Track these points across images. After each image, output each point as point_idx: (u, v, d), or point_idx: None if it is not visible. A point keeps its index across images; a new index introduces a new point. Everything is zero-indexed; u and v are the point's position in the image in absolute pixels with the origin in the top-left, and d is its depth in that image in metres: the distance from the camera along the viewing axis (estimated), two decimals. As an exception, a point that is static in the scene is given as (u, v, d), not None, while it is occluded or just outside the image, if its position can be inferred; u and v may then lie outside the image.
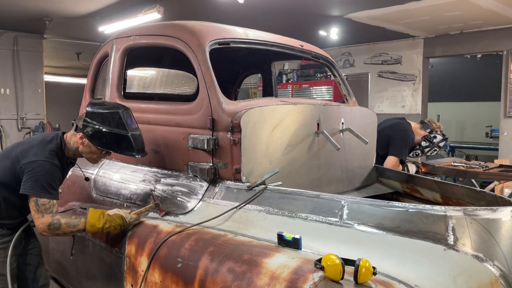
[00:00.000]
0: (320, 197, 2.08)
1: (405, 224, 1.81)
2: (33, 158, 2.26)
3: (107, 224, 2.25)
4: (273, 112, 2.41)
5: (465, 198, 2.58)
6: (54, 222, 2.22)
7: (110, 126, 2.31)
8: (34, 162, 2.25)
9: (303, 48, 3.16)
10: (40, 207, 2.23)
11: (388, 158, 3.75)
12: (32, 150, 2.30)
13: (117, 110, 2.36)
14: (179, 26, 2.66)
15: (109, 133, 2.31)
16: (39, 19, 7.19)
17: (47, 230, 2.22)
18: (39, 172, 2.24)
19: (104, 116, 2.33)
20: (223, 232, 2.04)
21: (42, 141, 2.36)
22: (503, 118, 7.58)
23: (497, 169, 4.14)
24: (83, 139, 2.35)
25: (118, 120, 2.33)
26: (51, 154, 2.30)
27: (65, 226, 2.24)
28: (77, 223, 2.25)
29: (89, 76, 3.32)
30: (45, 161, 2.27)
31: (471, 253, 1.69)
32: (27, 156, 2.27)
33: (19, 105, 8.38)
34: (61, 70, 13.32)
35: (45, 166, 2.26)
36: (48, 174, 2.26)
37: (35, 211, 2.23)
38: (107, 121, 2.32)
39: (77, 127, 2.37)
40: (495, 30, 7.42)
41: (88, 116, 2.33)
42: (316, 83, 9.25)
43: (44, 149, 2.31)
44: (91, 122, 2.32)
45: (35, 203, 2.23)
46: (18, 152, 2.32)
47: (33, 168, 2.24)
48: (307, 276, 1.55)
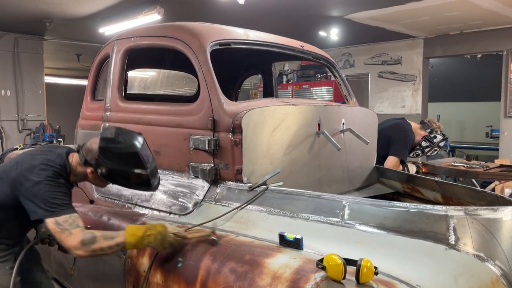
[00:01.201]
0: (321, 198, 2.08)
1: (406, 224, 1.81)
2: (36, 179, 2.02)
3: (148, 231, 1.97)
4: (274, 112, 2.42)
5: (466, 198, 2.59)
6: (87, 236, 1.93)
7: (126, 166, 2.07)
8: (38, 183, 2.01)
9: (304, 49, 3.17)
10: (63, 225, 1.95)
11: (388, 158, 3.76)
12: (34, 170, 2.05)
13: (134, 149, 2.06)
14: (180, 27, 2.66)
15: (125, 173, 2.08)
16: (39, 21, 7.20)
17: (81, 246, 1.91)
18: (46, 192, 2.00)
19: (120, 156, 2.06)
20: (224, 232, 2.05)
21: (44, 161, 2.10)
22: (503, 118, 7.59)
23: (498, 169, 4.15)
24: (93, 173, 2.14)
25: (136, 159, 2.06)
26: (55, 175, 2.07)
27: (101, 238, 1.94)
28: (115, 235, 1.98)
29: (90, 78, 3.33)
30: (49, 179, 2.04)
31: (472, 252, 1.70)
32: (29, 179, 2.03)
33: (19, 106, 8.39)
34: (62, 71, 13.34)
35: (51, 184, 2.03)
36: (57, 191, 2.03)
37: (59, 232, 1.94)
38: (123, 161, 2.06)
39: (86, 161, 2.12)
40: (495, 30, 7.42)
41: (101, 153, 2.06)
42: (316, 83, 9.26)
43: (48, 169, 2.07)
44: (105, 161, 2.07)
45: (56, 224, 1.96)
46: (19, 174, 2.07)
47: (38, 190, 2.00)
48: (309, 276, 1.55)
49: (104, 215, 2.60)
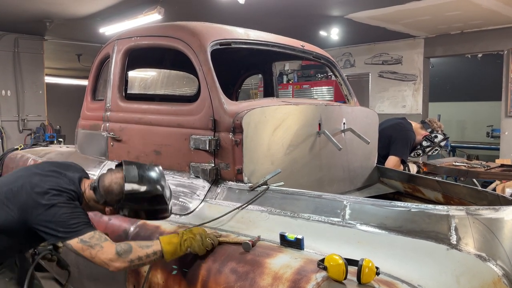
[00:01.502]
0: (322, 197, 2.08)
1: (407, 224, 1.81)
2: (49, 203, 1.90)
3: (184, 236, 1.89)
4: (274, 112, 2.41)
5: (467, 197, 2.58)
6: (121, 247, 1.84)
7: (151, 206, 2.02)
8: (52, 207, 1.90)
9: (304, 49, 3.16)
10: (90, 242, 1.85)
11: (389, 158, 3.76)
12: (46, 196, 1.92)
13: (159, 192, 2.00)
14: (180, 27, 2.66)
15: (148, 211, 2.04)
16: (39, 21, 7.20)
17: (118, 258, 1.82)
18: (63, 214, 1.89)
19: (145, 199, 2.00)
20: (225, 232, 2.04)
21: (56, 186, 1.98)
22: (504, 117, 7.58)
23: (499, 168, 4.14)
24: (111, 211, 2.06)
25: (160, 199, 2.01)
26: (69, 199, 1.97)
27: (136, 247, 1.86)
28: (150, 243, 1.90)
29: (91, 78, 3.33)
30: (64, 203, 1.93)
31: (474, 252, 1.69)
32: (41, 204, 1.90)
33: (20, 106, 8.39)
34: (62, 71, 13.34)
35: (67, 206, 1.93)
36: (74, 211, 1.93)
37: (89, 248, 1.84)
38: (147, 203, 2.01)
39: (106, 202, 2.03)
40: (496, 29, 7.42)
41: (126, 199, 1.98)
42: (316, 83, 9.25)
43: (61, 194, 1.95)
44: (129, 204, 2.00)
45: (82, 243, 1.85)
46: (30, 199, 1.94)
47: (54, 214, 1.89)
48: (310, 276, 1.55)
49: (105, 215, 2.59)
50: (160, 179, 2.04)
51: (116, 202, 2.00)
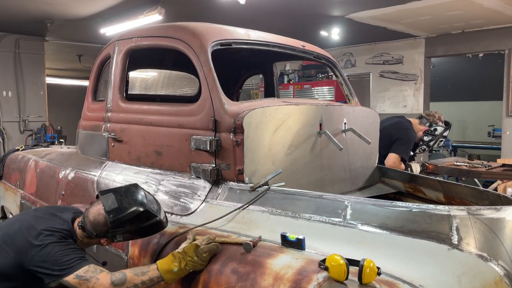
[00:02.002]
0: (323, 198, 2.08)
1: (408, 224, 1.80)
2: (42, 243, 1.95)
3: (182, 262, 1.87)
4: (275, 112, 2.41)
5: (468, 197, 2.58)
6: (116, 276, 1.86)
7: (140, 224, 2.02)
8: (45, 247, 1.95)
9: (305, 49, 3.16)
10: (85, 275, 1.88)
11: (388, 156, 3.75)
12: (38, 237, 1.98)
13: (143, 208, 2.01)
14: (181, 28, 2.66)
15: (141, 230, 2.04)
16: (40, 22, 7.21)
17: (114, 287, 1.85)
18: (56, 253, 1.93)
19: (132, 220, 2.01)
20: (226, 233, 2.04)
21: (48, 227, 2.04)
22: (506, 117, 7.57)
23: (500, 168, 4.13)
24: (107, 241, 2.08)
25: (147, 215, 2.02)
26: (61, 238, 2.02)
27: (132, 275, 1.87)
28: (146, 270, 1.90)
29: (91, 78, 3.33)
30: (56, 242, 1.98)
31: (475, 252, 1.69)
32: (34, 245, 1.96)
33: (21, 107, 8.40)
34: (63, 72, 13.37)
35: (59, 244, 1.97)
36: (67, 248, 1.97)
37: (85, 282, 1.87)
38: (136, 223, 2.01)
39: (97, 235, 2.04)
40: (497, 29, 7.41)
41: (113, 227, 2.00)
42: (317, 83, 9.26)
43: (53, 234, 2.01)
44: (119, 230, 2.01)
45: (78, 278, 1.88)
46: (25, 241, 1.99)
47: (47, 253, 1.93)
48: (311, 276, 1.55)
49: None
50: (139, 197, 2.05)
51: (106, 233, 2.02)
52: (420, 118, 4.11)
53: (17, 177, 3.97)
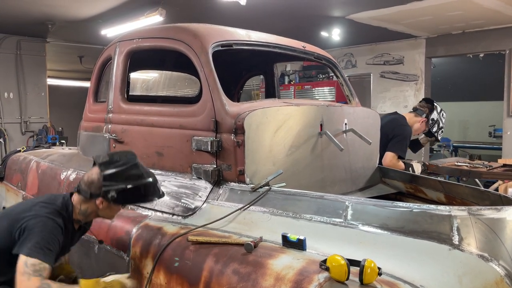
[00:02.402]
0: (324, 198, 2.08)
1: (409, 224, 1.81)
2: (33, 215, 2.02)
3: None
4: (276, 113, 2.42)
5: (469, 197, 2.58)
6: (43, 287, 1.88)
7: (133, 180, 2.08)
8: (34, 218, 2.00)
9: (305, 49, 3.17)
10: (28, 268, 1.89)
11: (386, 154, 3.73)
12: (34, 207, 2.07)
13: (134, 161, 2.12)
14: (182, 29, 2.66)
15: (134, 188, 2.08)
16: (42, 23, 7.23)
17: None
18: (37, 229, 1.97)
19: (123, 172, 2.08)
20: (227, 233, 2.05)
21: (46, 199, 2.14)
22: (506, 117, 7.57)
23: (501, 168, 4.12)
24: (103, 203, 2.11)
25: (139, 170, 2.10)
26: (55, 213, 2.06)
27: None
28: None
29: (93, 80, 3.34)
30: (46, 217, 2.02)
31: (476, 252, 1.69)
32: (28, 214, 2.03)
33: (22, 108, 8.42)
34: (64, 73, 13.38)
35: (46, 222, 2.01)
36: (47, 231, 1.99)
37: (21, 273, 1.88)
38: (128, 177, 2.08)
39: (92, 194, 2.09)
40: (498, 29, 7.41)
41: (106, 179, 2.06)
42: (318, 84, 9.26)
43: (47, 206, 2.08)
44: (112, 184, 2.06)
45: (24, 263, 1.89)
46: (19, 210, 2.09)
47: (32, 224, 1.98)
48: (312, 277, 1.55)
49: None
50: (130, 155, 2.15)
51: (100, 189, 2.06)
52: (415, 111, 4.11)
53: (18, 178, 3.98)
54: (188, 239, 2.00)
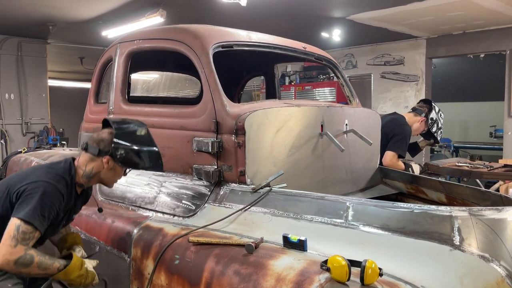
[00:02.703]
0: (325, 199, 2.08)
1: (410, 225, 1.81)
2: (34, 179, 1.98)
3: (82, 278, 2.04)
4: (277, 114, 2.42)
5: (470, 198, 2.58)
6: (26, 258, 1.84)
7: (141, 144, 2.13)
8: (34, 182, 1.96)
9: (306, 50, 3.17)
10: (18, 234, 1.85)
11: (385, 154, 3.73)
12: (35, 172, 2.04)
13: (144, 126, 2.20)
14: (183, 30, 2.67)
15: (141, 152, 2.12)
16: (42, 25, 7.23)
17: (12, 265, 1.83)
18: (36, 194, 1.92)
19: (133, 134, 2.13)
20: (228, 234, 2.05)
21: (49, 165, 2.12)
22: (507, 117, 7.57)
23: (502, 169, 4.12)
24: (109, 162, 2.10)
25: (148, 136, 2.17)
26: (57, 178, 2.02)
27: (36, 266, 1.88)
28: (49, 265, 1.93)
29: (93, 81, 3.34)
30: (47, 183, 1.97)
31: (477, 253, 1.69)
32: (27, 179, 1.99)
33: (23, 110, 8.42)
34: (65, 74, 13.39)
35: (46, 188, 1.96)
36: (46, 198, 1.94)
37: (10, 236, 1.84)
38: (137, 140, 2.12)
39: (100, 151, 2.09)
40: (498, 29, 7.41)
41: (118, 137, 2.08)
42: (319, 84, 9.26)
43: (49, 171, 2.04)
44: (121, 143, 2.07)
45: (16, 227, 1.85)
46: (19, 176, 2.06)
47: (32, 188, 1.94)
48: (313, 277, 1.55)
49: (108, 217, 2.60)
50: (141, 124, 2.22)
51: (110, 146, 2.07)
52: (414, 110, 4.11)
53: (19, 179, 3.98)
54: (189, 240, 2.00)
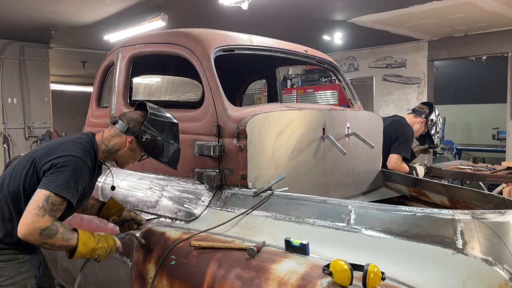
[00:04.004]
0: (327, 202, 2.08)
1: (413, 229, 1.80)
2: (63, 154, 1.94)
3: (100, 243, 1.99)
4: (278, 117, 2.42)
5: (473, 201, 2.57)
6: (52, 228, 1.83)
7: (167, 136, 2.19)
8: (63, 156, 1.93)
9: (307, 53, 3.17)
10: (47, 204, 1.83)
11: (390, 157, 3.73)
12: (61, 146, 2.00)
13: (176, 121, 2.26)
14: (184, 34, 2.67)
15: (164, 143, 2.18)
16: (45, 29, 7.26)
17: (38, 234, 1.80)
18: (67, 167, 1.90)
19: (164, 125, 2.19)
20: (230, 238, 2.04)
21: (73, 139, 2.08)
22: (510, 119, 7.54)
23: (505, 171, 4.10)
24: (132, 143, 2.14)
25: (175, 132, 2.24)
26: (84, 152, 2.00)
27: (60, 237, 1.86)
28: (70, 237, 1.91)
29: (95, 85, 3.35)
30: (76, 157, 1.95)
31: (480, 257, 1.68)
32: (54, 153, 1.95)
33: (26, 114, 8.44)
34: (67, 78, 13.43)
35: (76, 162, 1.94)
36: (77, 171, 1.93)
37: (38, 206, 1.81)
38: (165, 131, 2.19)
39: (128, 129, 2.14)
40: (500, 32, 7.40)
41: (149, 122, 2.14)
42: (320, 87, 9.26)
43: (76, 145, 2.01)
44: (151, 129, 2.14)
45: (45, 198, 1.83)
46: (44, 151, 2.00)
47: (62, 162, 1.91)
48: (316, 282, 1.55)
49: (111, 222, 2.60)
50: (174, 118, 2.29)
51: (139, 127, 2.13)
52: (414, 112, 4.11)
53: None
54: (191, 244, 2.00)
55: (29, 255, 2.11)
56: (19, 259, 2.05)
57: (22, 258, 2.07)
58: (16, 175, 2.01)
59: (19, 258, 2.05)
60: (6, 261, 2.01)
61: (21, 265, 2.05)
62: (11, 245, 2.03)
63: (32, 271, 2.11)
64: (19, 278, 2.03)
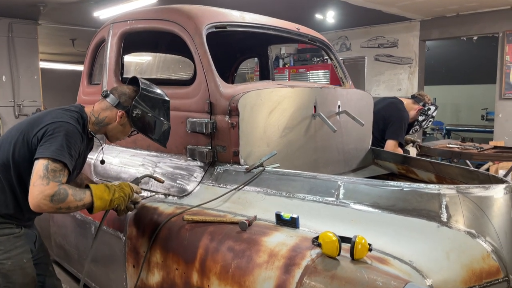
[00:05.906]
0: (317, 178, 2.12)
1: (400, 203, 1.85)
2: (52, 120, 1.94)
3: (116, 194, 2.02)
4: (270, 95, 2.44)
5: (459, 177, 2.63)
6: (60, 192, 1.82)
7: (158, 113, 2.18)
8: (53, 123, 1.92)
9: (300, 31, 3.17)
10: (48, 172, 1.81)
11: (387, 143, 3.79)
12: (50, 114, 2.00)
13: (167, 99, 2.24)
14: (176, 10, 2.66)
15: (154, 119, 2.17)
16: (33, 5, 7.12)
17: (49, 202, 1.79)
18: (59, 133, 1.89)
19: (156, 102, 2.18)
20: (222, 213, 2.08)
21: (61, 108, 2.09)
22: (498, 100, 7.62)
23: (492, 150, 4.18)
24: (122, 117, 2.14)
25: (166, 108, 2.22)
26: (73, 119, 2.00)
27: (72, 199, 1.85)
28: (83, 195, 1.92)
29: (86, 62, 3.33)
30: (67, 123, 1.95)
31: (464, 229, 1.74)
32: (44, 121, 1.95)
33: (15, 92, 8.35)
34: (57, 56, 13.24)
35: (68, 127, 1.93)
36: (70, 136, 1.92)
37: (40, 176, 1.80)
38: (156, 107, 2.17)
39: (119, 103, 2.12)
40: (491, 12, 7.41)
41: (141, 97, 2.12)
42: (312, 67, 9.24)
43: (64, 113, 2.01)
44: (142, 105, 2.12)
45: (44, 167, 1.82)
46: (32, 121, 2.00)
47: (53, 128, 1.90)
48: (305, 253, 1.60)
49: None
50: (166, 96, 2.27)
51: (130, 102, 2.12)
52: (413, 98, 4.15)
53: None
54: (184, 218, 2.04)
55: (25, 230, 2.14)
56: (15, 234, 2.07)
57: (18, 233, 2.09)
58: (4, 147, 2.02)
59: (15, 232, 2.08)
60: (2, 236, 2.03)
61: (17, 240, 2.07)
62: (6, 218, 2.05)
63: (28, 246, 2.14)
64: (15, 253, 2.05)
